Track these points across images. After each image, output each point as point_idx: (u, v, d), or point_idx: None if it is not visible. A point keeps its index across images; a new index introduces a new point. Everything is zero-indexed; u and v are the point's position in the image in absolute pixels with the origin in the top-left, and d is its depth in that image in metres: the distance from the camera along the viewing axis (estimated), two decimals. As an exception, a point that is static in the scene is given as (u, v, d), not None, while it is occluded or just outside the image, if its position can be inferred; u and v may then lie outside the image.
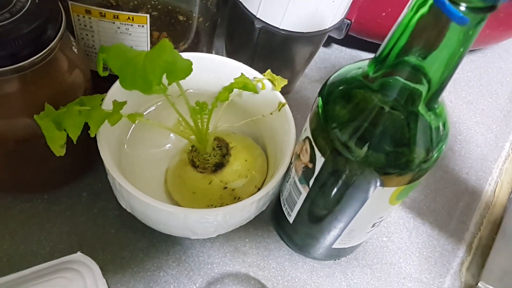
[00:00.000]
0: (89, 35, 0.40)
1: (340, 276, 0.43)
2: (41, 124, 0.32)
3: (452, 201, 0.50)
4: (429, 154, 0.29)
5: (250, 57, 0.47)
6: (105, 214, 0.43)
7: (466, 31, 0.23)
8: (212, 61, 0.41)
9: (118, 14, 0.37)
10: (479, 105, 0.60)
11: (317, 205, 0.35)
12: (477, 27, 0.23)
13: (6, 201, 0.42)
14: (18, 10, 0.30)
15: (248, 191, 0.41)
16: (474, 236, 0.48)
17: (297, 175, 0.35)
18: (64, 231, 0.41)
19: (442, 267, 0.45)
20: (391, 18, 0.51)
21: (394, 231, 0.47)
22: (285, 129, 0.40)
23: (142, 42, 0.40)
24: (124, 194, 0.36)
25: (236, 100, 0.42)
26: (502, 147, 0.56)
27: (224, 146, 0.41)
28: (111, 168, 0.35)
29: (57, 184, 0.43)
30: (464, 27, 0.23)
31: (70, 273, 0.34)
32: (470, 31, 0.23)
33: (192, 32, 0.42)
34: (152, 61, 0.27)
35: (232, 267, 0.42)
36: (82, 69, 0.36)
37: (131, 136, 0.42)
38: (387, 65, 0.27)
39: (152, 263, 0.41)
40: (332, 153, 0.30)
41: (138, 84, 0.27)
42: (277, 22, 0.42)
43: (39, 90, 0.33)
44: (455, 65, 0.25)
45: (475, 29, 0.23)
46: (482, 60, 0.65)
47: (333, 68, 0.59)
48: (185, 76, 0.29)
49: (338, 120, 0.30)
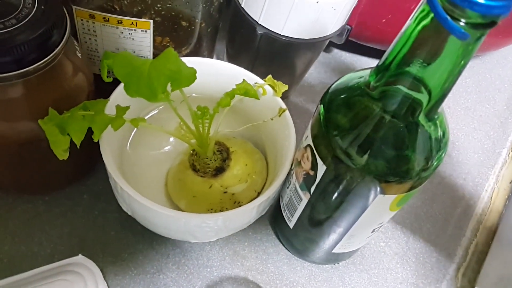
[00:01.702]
0: (92, 39, 0.40)
1: (338, 281, 0.43)
2: (45, 129, 0.32)
3: (449, 207, 0.50)
4: (429, 162, 0.30)
5: (251, 62, 0.47)
6: (105, 216, 0.43)
7: (466, 46, 0.24)
8: (214, 66, 0.41)
9: (121, 19, 0.38)
10: (477, 111, 0.60)
11: (318, 211, 0.36)
12: (477, 42, 0.23)
13: (7, 202, 0.42)
14: (24, 16, 0.30)
15: (248, 196, 0.41)
16: (471, 242, 0.48)
17: (298, 182, 0.36)
18: (65, 232, 0.41)
19: (438, 272, 0.46)
20: (391, 24, 0.51)
21: (392, 236, 0.47)
22: (285, 134, 0.40)
23: (145, 47, 0.40)
24: (125, 198, 0.36)
25: (237, 105, 0.42)
26: (499, 153, 0.57)
27: (225, 151, 0.42)
28: (113, 172, 0.35)
29: (58, 186, 0.43)
30: (464, 42, 0.23)
31: (71, 276, 0.35)
32: (470, 46, 0.24)
33: (195, 37, 0.42)
34: (157, 69, 0.27)
35: (231, 270, 0.42)
36: (86, 73, 0.36)
37: (132, 139, 0.43)
38: (388, 75, 0.27)
39: (152, 265, 0.41)
40: (334, 160, 0.31)
41: (143, 92, 0.28)
42: (278, 29, 0.42)
43: (43, 95, 0.33)
44: (456, 77, 0.26)
45: (475, 44, 0.24)
46: (480, 66, 0.66)
47: (333, 73, 0.60)
48: (189, 84, 0.29)
49: (339, 127, 0.30)
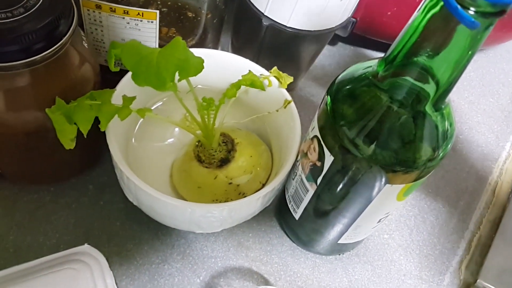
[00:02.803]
0: (99, 30, 0.40)
1: (342, 272, 0.44)
2: (52, 118, 0.32)
3: (452, 200, 0.51)
4: (435, 152, 0.30)
5: (256, 54, 0.47)
6: (110, 206, 0.43)
7: (475, 35, 0.24)
8: (220, 58, 0.41)
9: (128, 10, 0.38)
10: (481, 105, 0.60)
11: (324, 202, 0.36)
12: (486, 31, 0.23)
13: (13, 192, 0.42)
14: (32, 5, 0.30)
15: (252, 187, 0.41)
16: (474, 235, 0.49)
17: (304, 173, 0.36)
18: (70, 223, 0.42)
19: (441, 264, 0.46)
20: (396, 17, 0.51)
21: (395, 228, 0.47)
22: (290, 126, 0.40)
23: (151, 38, 0.40)
24: (131, 188, 0.36)
25: (242, 96, 0.42)
26: (502, 147, 0.57)
27: (230, 142, 0.42)
28: (119, 162, 0.35)
29: (64, 176, 0.43)
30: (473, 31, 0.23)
31: (78, 265, 0.35)
32: (479, 35, 0.24)
33: (200, 29, 0.43)
34: (165, 58, 0.28)
35: (235, 261, 0.43)
36: (92, 63, 0.36)
37: (137, 131, 0.43)
38: (396, 65, 0.27)
39: (157, 256, 0.41)
40: (341, 151, 0.31)
41: (151, 80, 0.28)
42: (284, 20, 0.42)
43: (50, 84, 0.33)
44: (463, 67, 0.26)
45: (484, 33, 0.24)
46: (484, 60, 0.66)
47: (337, 65, 0.60)
48: (197, 73, 0.29)
49: (346, 118, 0.30)
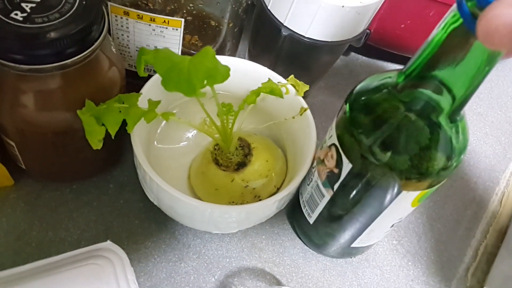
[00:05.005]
0: (125, 35, 0.42)
1: (351, 276, 0.45)
2: (83, 119, 0.33)
3: (460, 209, 0.52)
4: (449, 162, 0.31)
5: (273, 62, 0.49)
6: (130, 205, 0.45)
7: (492, 51, 0.25)
8: (240, 65, 0.43)
9: (154, 17, 0.39)
10: (489, 117, 0.62)
11: (340, 207, 0.37)
12: (502, 49, 0.25)
13: (36, 188, 0.44)
14: (67, 10, 0.32)
15: (267, 191, 0.42)
16: (480, 243, 0.50)
17: (321, 179, 0.37)
18: (91, 220, 0.43)
19: (448, 271, 0.47)
20: (409, 30, 0.53)
21: (404, 235, 0.49)
22: (306, 133, 0.41)
23: (174, 45, 0.42)
24: (153, 188, 0.37)
25: (259, 103, 0.44)
26: (510, 159, 0.58)
27: (246, 146, 0.43)
28: (143, 162, 0.36)
29: (86, 175, 0.45)
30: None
31: (101, 260, 0.36)
32: (496, 52, 0.25)
33: (222, 37, 0.44)
34: (196, 66, 0.29)
35: (249, 262, 0.44)
36: (119, 68, 0.38)
37: (159, 133, 0.44)
38: (414, 77, 0.29)
39: (174, 254, 0.43)
40: (360, 158, 0.32)
41: (182, 87, 0.29)
42: (303, 31, 0.44)
43: (79, 87, 0.35)
44: (479, 83, 0.27)
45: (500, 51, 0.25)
46: (493, 73, 0.65)
47: (350, 74, 0.61)
48: (223, 80, 0.30)
49: (365, 126, 0.32)
